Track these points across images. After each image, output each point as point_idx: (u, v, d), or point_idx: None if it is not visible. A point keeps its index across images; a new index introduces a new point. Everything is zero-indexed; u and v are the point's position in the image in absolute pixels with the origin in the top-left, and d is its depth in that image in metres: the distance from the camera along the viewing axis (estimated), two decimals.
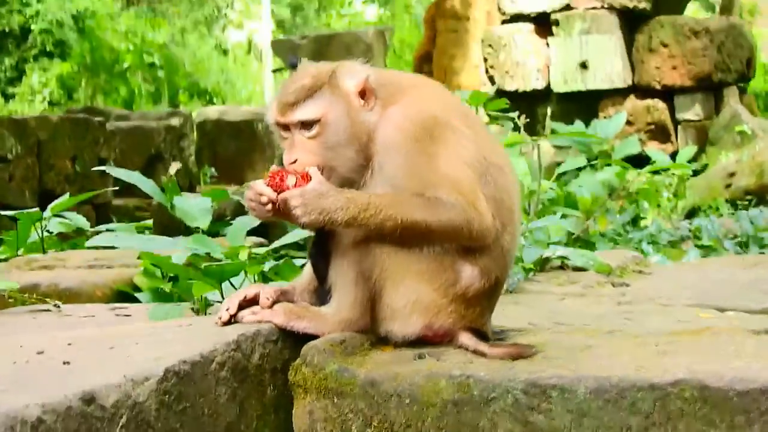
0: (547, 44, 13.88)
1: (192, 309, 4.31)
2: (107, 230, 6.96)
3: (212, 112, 14.62)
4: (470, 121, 3.51)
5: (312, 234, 3.67)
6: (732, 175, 11.42)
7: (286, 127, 3.47)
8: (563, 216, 6.42)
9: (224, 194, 6.66)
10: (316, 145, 3.42)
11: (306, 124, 3.42)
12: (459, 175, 3.35)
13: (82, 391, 2.78)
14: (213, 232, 6.32)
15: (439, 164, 3.34)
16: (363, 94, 3.46)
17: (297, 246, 6.22)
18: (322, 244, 3.51)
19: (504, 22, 14.31)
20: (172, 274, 4.62)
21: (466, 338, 3.42)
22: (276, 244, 5.06)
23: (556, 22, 13.71)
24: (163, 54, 28.00)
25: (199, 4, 34.97)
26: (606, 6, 13.46)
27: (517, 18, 13.98)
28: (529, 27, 13.99)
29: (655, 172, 11.32)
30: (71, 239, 7.38)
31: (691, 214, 10.74)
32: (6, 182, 11.58)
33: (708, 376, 2.93)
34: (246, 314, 3.51)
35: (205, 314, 4.24)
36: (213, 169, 14.08)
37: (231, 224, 5.93)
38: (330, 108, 3.42)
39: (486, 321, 3.54)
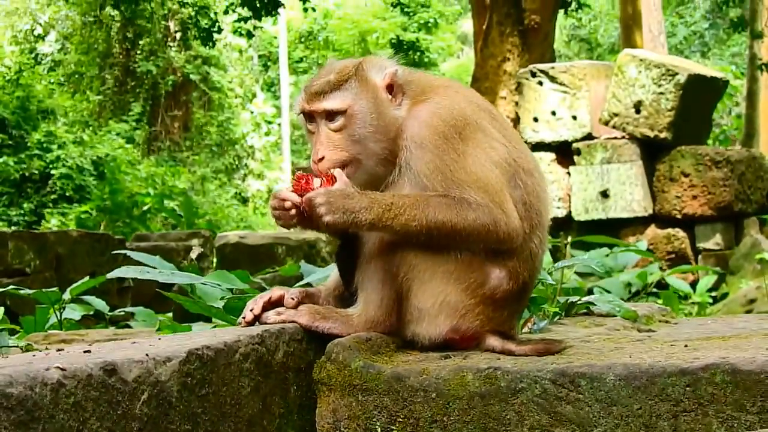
0: (569, 173, 14.01)
1: None
2: (125, 313, 6.98)
3: (232, 236, 14.77)
4: (500, 124, 3.56)
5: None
6: (752, 301, 11.37)
7: (312, 117, 3.51)
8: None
9: (245, 276, 6.68)
10: (342, 138, 3.44)
11: (331, 115, 3.46)
12: (487, 175, 3.37)
13: (104, 361, 2.77)
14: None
15: (467, 164, 3.36)
16: (390, 88, 3.52)
17: None
18: (349, 247, 3.53)
19: None
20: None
21: (493, 340, 3.40)
22: (305, 280, 5.06)
23: (578, 151, 13.88)
24: (183, 200, 28.32)
25: (219, 154, 35.57)
26: (627, 136, 13.62)
27: (538, 147, 14.15)
28: (551, 156, 14.17)
29: (680, 297, 11.34)
30: (92, 326, 7.39)
31: None
32: (23, 295, 11.60)
33: (739, 360, 2.91)
34: (270, 314, 3.50)
35: None
36: None
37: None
38: (356, 99, 3.46)
39: (513, 325, 3.53)
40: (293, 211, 3.43)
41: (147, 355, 2.91)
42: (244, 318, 3.51)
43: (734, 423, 2.85)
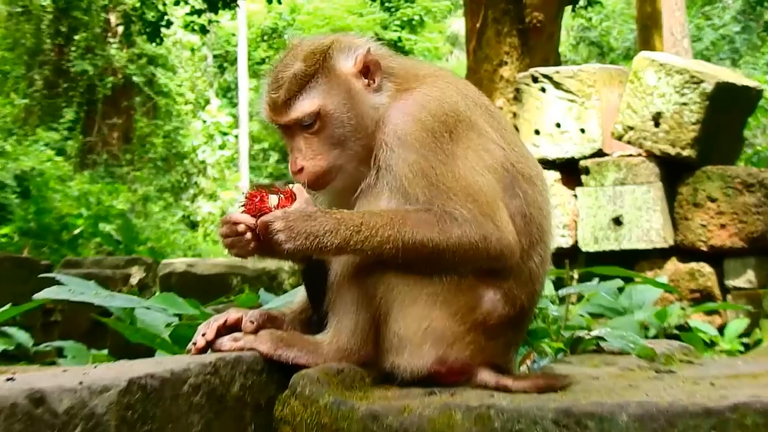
0: (575, 196, 14.04)
1: None
2: (52, 348, 6.95)
3: (179, 264, 14.71)
4: (498, 123, 3.59)
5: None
6: None
7: (284, 125, 3.56)
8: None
9: (195, 304, 6.68)
10: (320, 142, 3.49)
11: (304, 122, 3.51)
12: (478, 181, 3.40)
13: (31, 389, 2.78)
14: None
15: (456, 167, 3.39)
16: (366, 71, 3.56)
17: None
18: (319, 264, 3.55)
19: None
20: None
21: (485, 374, 3.42)
22: (266, 306, 5.07)
23: (586, 171, 13.89)
24: (122, 223, 28.29)
25: (165, 170, 35.56)
26: (645, 153, 13.64)
27: (541, 164, 14.11)
28: (555, 175, 14.19)
29: (706, 343, 11.38)
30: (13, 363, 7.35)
31: None
32: None
33: None
34: (225, 340, 3.51)
35: None
36: None
37: None
38: (327, 97, 3.50)
39: (510, 357, 3.54)
40: (248, 235, 3.45)
41: (81, 383, 2.91)
42: (194, 344, 3.52)
43: None
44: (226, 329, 3.55)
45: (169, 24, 22.80)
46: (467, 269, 3.38)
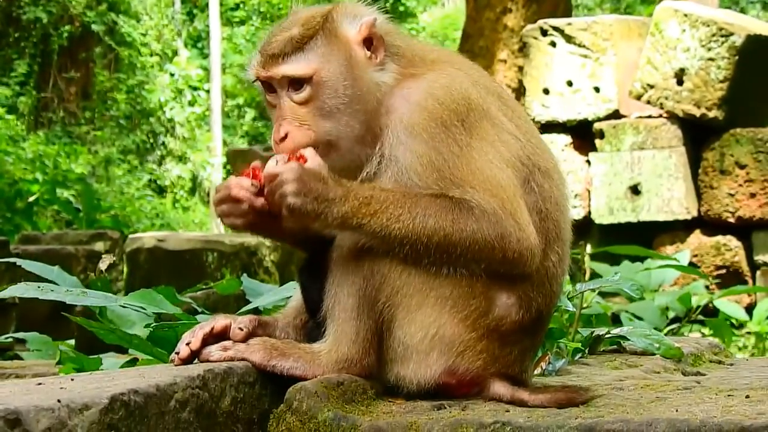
0: (588, 162, 14.05)
1: None
2: (13, 339, 7.00)
3: (147, 239, 14.68)
4: (512, 111, 3.64)
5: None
6: None
7: (270, 86, 3.59)
8: None
9: (170, 293, 6.71)
10: (310, 113, 3.53)
11: (295, 83, 3.54)
12: (497, 175, 3.44)
13: (5, 409, 2.82)
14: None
15: (471, 159, 3.43)
16: (369, 43, 3.60)
17: None
18: (316, 263, 3.59)
19: None
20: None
21: (499, 386, 3.47)
22: (254, 303, 5.12)
23: (601, 134, 13.88)
24: (82, 189, 28.26)
25: (129, 129, 35.45)
26: (666, 114, 13.62)
27: (550, 127, 14.09)
28: (566, 139, 14.19)
29: (733, 325, 11.44)
30: None
31: None
32: None
33: None
34: (214, 350, 3.55)
35: None
36: None
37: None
38: (325, 62, 3.54)
39: (525, 367, 3.60)
40: (246, 204, 3.49)
41: (59, 401, 2.95)
42: (177, 354, 3.56)
43: None
44: (213, 337, 3.59)
45: None
46: (479, 268, 3.41)
